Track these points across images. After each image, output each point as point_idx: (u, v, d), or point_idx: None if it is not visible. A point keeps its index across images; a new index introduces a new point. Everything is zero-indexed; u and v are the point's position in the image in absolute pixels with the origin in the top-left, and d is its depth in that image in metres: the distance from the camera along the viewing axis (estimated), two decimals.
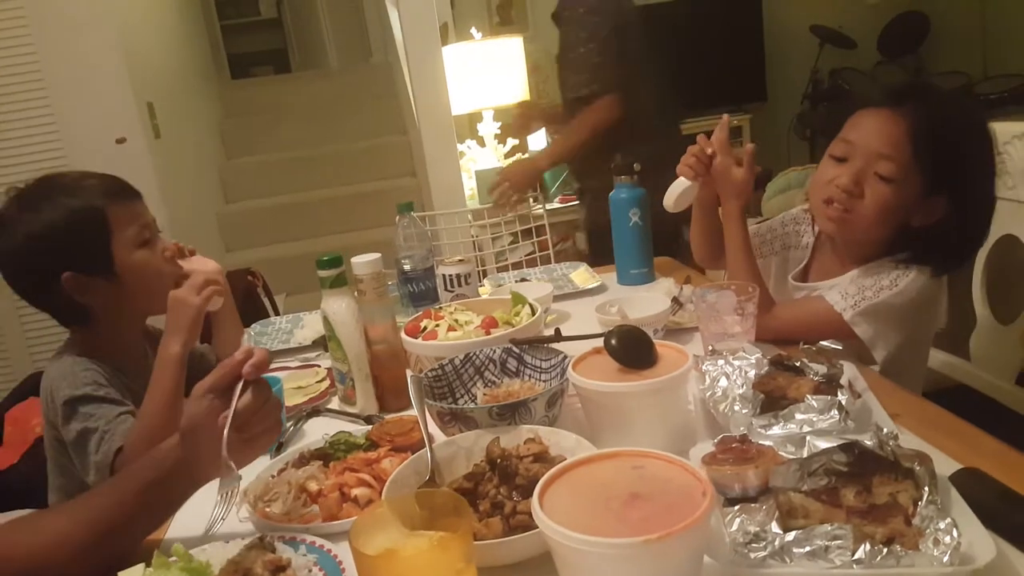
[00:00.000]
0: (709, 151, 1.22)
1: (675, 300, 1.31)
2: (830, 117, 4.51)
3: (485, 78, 3.01)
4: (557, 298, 1.50)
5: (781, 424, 0.84)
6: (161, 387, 1.01)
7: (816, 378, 0.91)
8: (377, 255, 1.11)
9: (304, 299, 2.78)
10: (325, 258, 1.06)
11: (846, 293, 1.11)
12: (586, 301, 1.50)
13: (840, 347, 0.93)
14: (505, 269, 2.45)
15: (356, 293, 1.09)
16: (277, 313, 2.71)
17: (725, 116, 1.25)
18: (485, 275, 2.50)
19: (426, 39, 2.76)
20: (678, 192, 1.28)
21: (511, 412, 0.86)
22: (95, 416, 1.00)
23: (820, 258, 1.28)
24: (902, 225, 1.11)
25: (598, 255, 2.13)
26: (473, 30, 3.25)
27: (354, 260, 1.09)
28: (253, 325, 1.57)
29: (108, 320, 1.14)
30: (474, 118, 3.21)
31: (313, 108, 4.33)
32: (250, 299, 2.66)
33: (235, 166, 4.13)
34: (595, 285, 1.57)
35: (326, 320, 1.08)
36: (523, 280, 1.64)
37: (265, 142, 4.15)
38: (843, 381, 0.91)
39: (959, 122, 1.09)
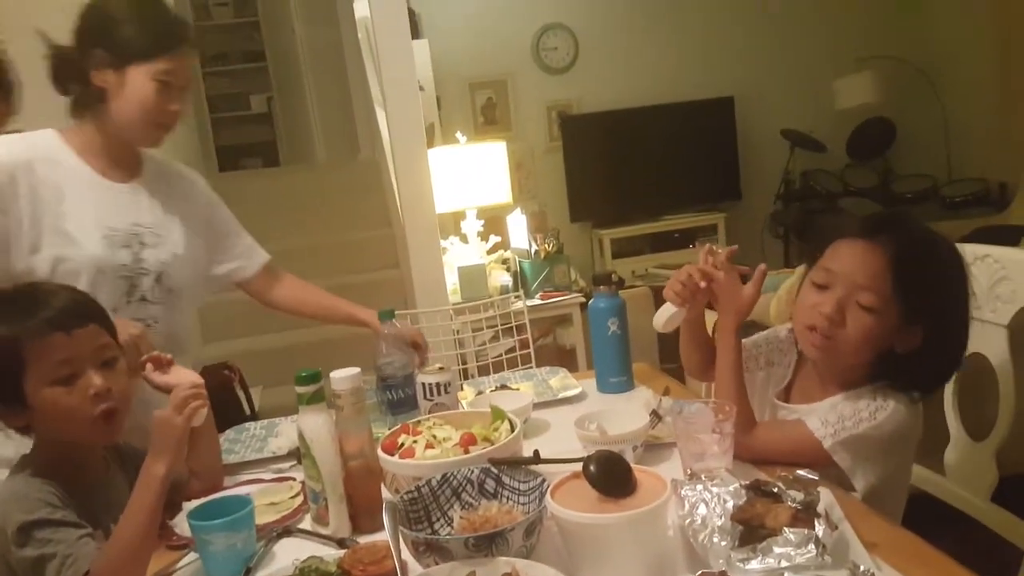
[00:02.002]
0: (703, 284, 1.25)
1: (654, 413, 1.31)
2: (803, 219, 4.68)
3: (470, 179, 3.10)
4: (536, 406, 1.49)
5: (759, 558, 0.84)
6: (142, 507, 0.98)
7: (794, 505, 0.91)
8: (356, 370, 1.11)
9: (281, 392, 2.73)
10: (303, 374, 1.06)
11: (826, 421, 1.12)
12: (565, 410, 1.50)
13: (816, 477, 0.93)
14: (486, 367, 2.44)
15: (334, 408, 1.09)
16: (252, 408, 2.67)
17: (734, 247, 1.30)
18: (467, 374, 2.50)
19: (412, 140, 2.85)
20: (666, 317, 1.31)
21: (488, 543, 0.85)
22: (53, 541, 0.96)
23: (802, 378, 1.30)
24: (884, 352, 1.13)
25: None
26: (459, 134, 3.36)
27: (333, 375, 1.09)
28: (227, 432, 1.55)
29: (48, 441, 1.10)
30: (458, 215, 3.28)
31: (299, 201, 4.39)
32: (226, 394, 2.62)
33: None
34: (575, 393, 1.58)
35: (302, 437, 1.06)
36: (503, 387, 1.64)
37: (250, 233, 4.18)
38: (820, 509, 0.91)
39: (934, 253, 1.14)
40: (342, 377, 1.08)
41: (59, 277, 1.35)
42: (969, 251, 1.31)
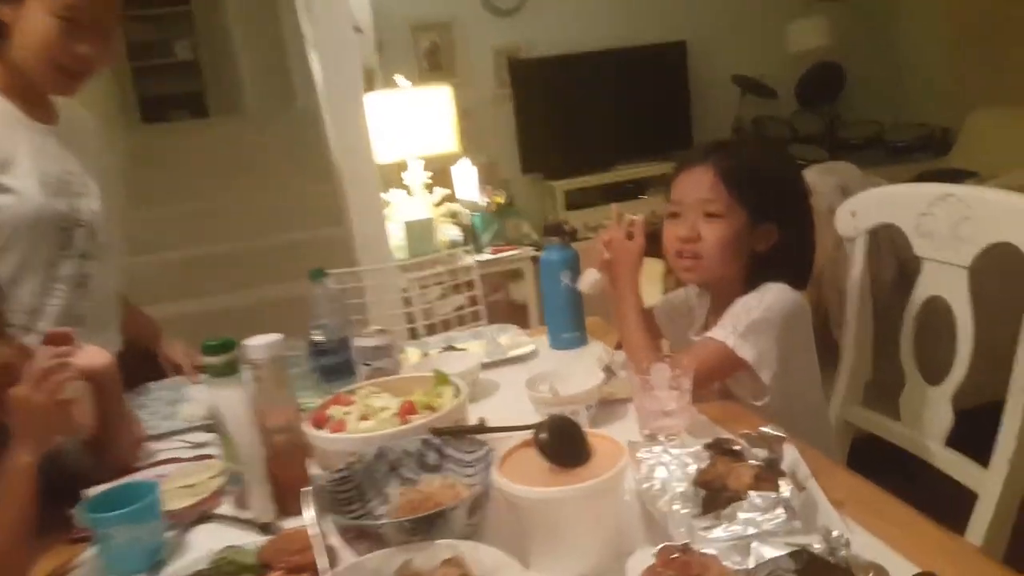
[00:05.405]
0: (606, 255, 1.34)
1: (607, 368, 1.25)
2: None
3: (412, 126, 2.95)
4: (485, 365, 1.40)
5: (724, 525, 0.77)
6: (9, 502, 0.86)
7: (756, 463, 0.85)
8: (278, 336, 0.99)
9: None
10: (212, 343, 0.93)
11: (723, 325, 1.19)
12: (516, 369, 1.41)
13: (783, 434, 0.86)
14: (434, 327, 2.34)
15: (253, 379, 0.97)
16: None
17: (640, 218, 1.37)
18: (415, 334, 2.38)
19: (348, 85, 2.66)
20: (591, 281, 1.34)
21: (427, 525, 0.76)
22: None
23: (710, 316, 1.35)
24: (749, 255, 1.24)
25: None
26: (400, 78, 3.18)
27: (248, 343, 0.97)
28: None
29: None
30: (401, 167, 3.13)
31: (231, 154, 4.15)
32: (154, 365, 2.47)
33: (142, 216, 3.89)
34: (526, 351, 1.49)
35: (215, 414, 0.95)
36: (450, 348, 1.54)
37: (177, 191, 3.94)
38: (785, 467, 0.84)
39: (760, 159, 1.30)
40: (259, 345, 0.96)
41: None
42: (931, 191, 1.26)
